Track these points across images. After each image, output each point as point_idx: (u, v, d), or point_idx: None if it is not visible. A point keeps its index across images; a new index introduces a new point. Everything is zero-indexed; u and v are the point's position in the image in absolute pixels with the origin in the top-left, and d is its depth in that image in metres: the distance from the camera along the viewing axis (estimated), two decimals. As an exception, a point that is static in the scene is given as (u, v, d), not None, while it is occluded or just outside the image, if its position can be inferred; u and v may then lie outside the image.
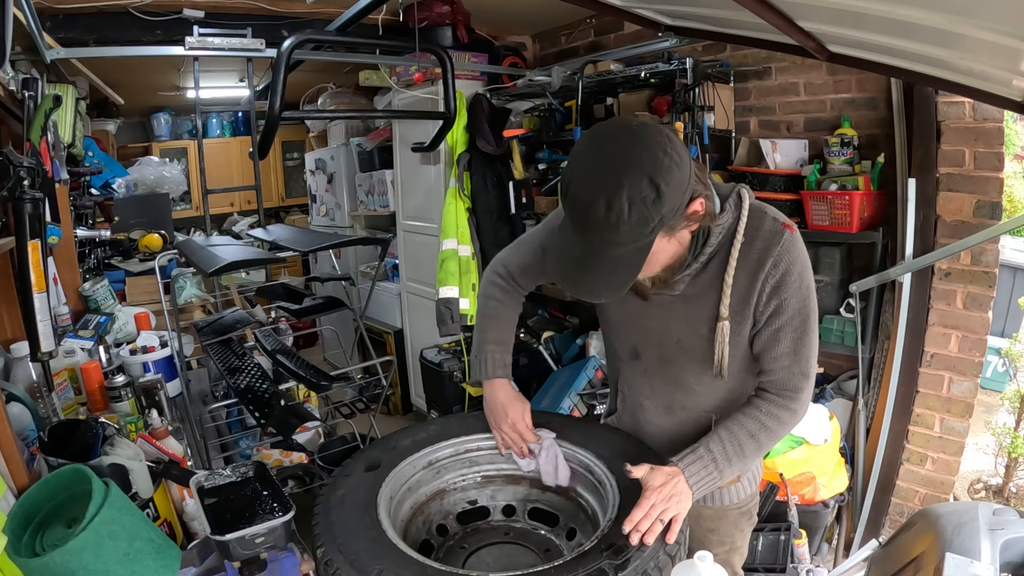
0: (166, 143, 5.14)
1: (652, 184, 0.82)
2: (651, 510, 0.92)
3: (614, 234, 0.84)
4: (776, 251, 0.99)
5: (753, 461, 1.08)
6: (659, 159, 0.83)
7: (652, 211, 0.83)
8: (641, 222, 0.83)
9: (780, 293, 1.00)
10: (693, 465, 1.00)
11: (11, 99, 1.87)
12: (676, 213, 0.87)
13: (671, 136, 0.87)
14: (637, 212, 0.82)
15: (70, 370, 1.89)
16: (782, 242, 0.99)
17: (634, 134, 0.86)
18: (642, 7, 1.98)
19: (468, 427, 1.26)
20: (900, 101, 2.11)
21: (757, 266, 1.00)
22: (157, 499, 1.38)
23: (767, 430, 1.05)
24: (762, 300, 1.02)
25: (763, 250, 0.99)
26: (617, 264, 0.88)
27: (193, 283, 3.07)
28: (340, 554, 0.89)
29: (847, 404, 2.34)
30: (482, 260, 2.99)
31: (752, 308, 1.03)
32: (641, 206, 0.82)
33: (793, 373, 1.04)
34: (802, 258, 1.01)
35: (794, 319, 1.02)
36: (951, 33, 1.12)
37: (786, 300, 1.00)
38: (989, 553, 1.15)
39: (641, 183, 0.82)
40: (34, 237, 1.35)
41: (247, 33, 2.45)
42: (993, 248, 2.00)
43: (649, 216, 0.83)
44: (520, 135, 3.07)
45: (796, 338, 1.02)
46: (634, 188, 0.82)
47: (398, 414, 3.77)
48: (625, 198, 0.81)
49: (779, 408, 1.05)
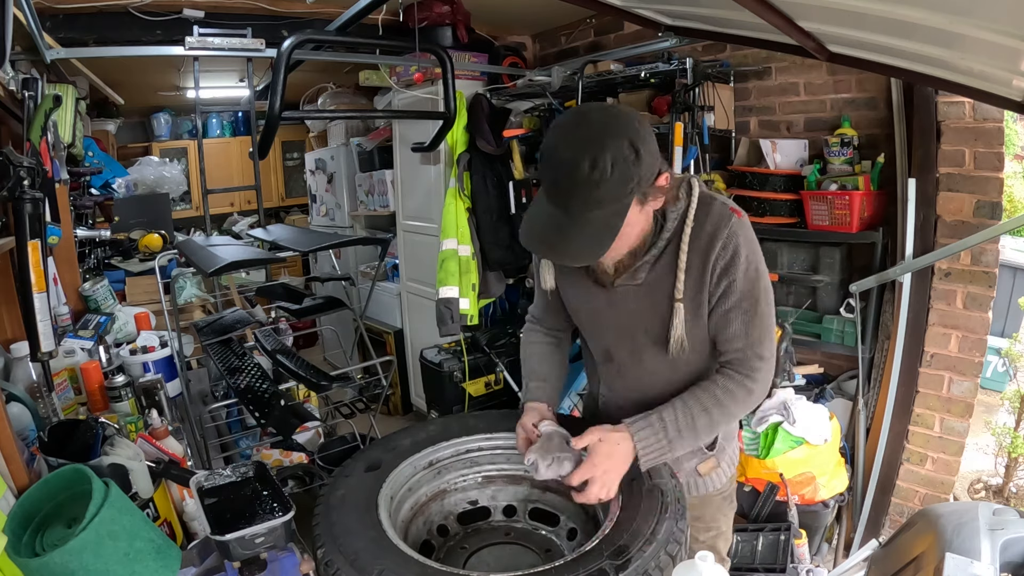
0: (166, 143, 5.14)
1: (632, 146, 0.90)
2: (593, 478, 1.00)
3: (596, 191, 0.89)
4: (725, 232, 1.03)
5: (706, 437, 1.11)
6: (636, 128, 0.92)
7: (632, 170, 0.90)
8: (622, 180, 0.90)
9: (728, 275, 1.04)
10: (644, 431, 1.04)
11: (11, 99, 1.87)
12: (650, 180, 0.94)
13: (642, 119, 0.95)
14: (619, 170, 0.89)
15: (70, 370, 1.89)
16: (730, 224, 1.04)
17: (611, 109, 0.95)
18: (642, 7, 1.98)
19: (468, 427, 1.26)
20: (900, 101, 2.12)
21: (708, 247, 1.04)
22: (157, 499, 1.38)
23: (721, 405, 1.07)
24: (713, 280, 1.06)
25: (712, 232, 1.04)
26: (598, 226, 0.93)
27: (193, 283, 3.07)
28: (340, 554, 0.89)
29: (847, 404, 2.34)
30: (482, 260, 2.99)
31: (706, 288, 1.07)
32: (623, 165, 0.89)
33: (747, 355, 1.08)
34: (750, 241, 1.05)
35: (743, 302, 1.05)
36: (951, 33, 1.12)
37: (734, 282, 1.04)
38: (989, 553, 1.15)
39: (622, 145, 0.89)
40: (34, 237, 1.35)
41: (247, 33, 2.45)
42: (993, 248, 2.00)
43: (630, 175, 0.90)
44: (520, 135, 3.07)
45: (747, 320, 1.06)
46: (616, 149, 0.89)
47: (398, 414, 3.77)
48: (609, 157, 0.88)
49: (735, 384, 1.08)
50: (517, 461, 1.23)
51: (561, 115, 1.00)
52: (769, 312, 1.08)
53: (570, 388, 2.62)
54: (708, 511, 1.29)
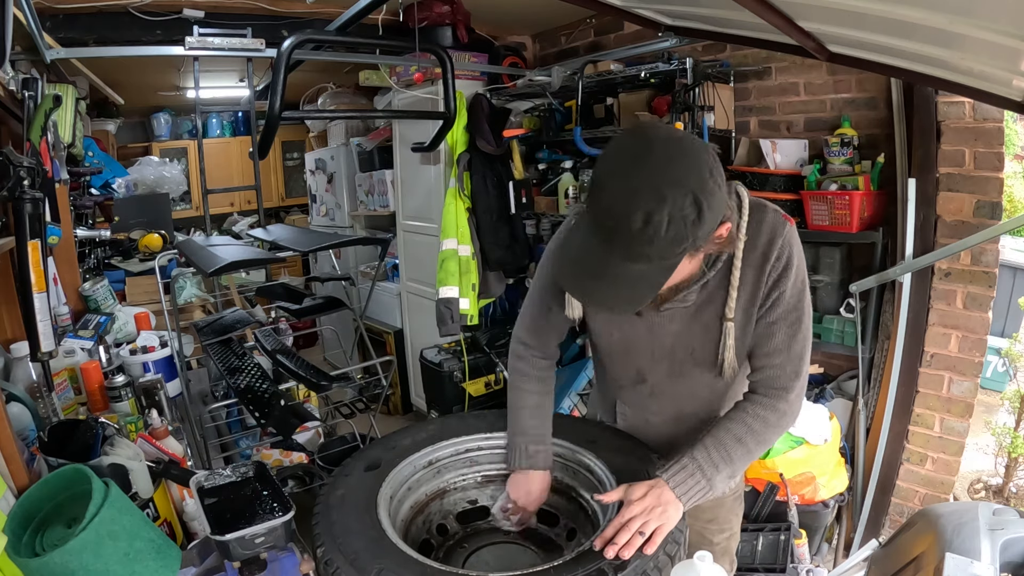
0: (166, 143, 5.14)
1: (695, 203, 0.77)
2: (630, 523, 0.89)
3: (644, 248, 0.79)
4: (780, 242, 0.97)
5: (743, 466, 1.03)
6: (705, 178, 0.79)
7: (689, 231, 0.78)
8: (676, 241, 0.79)
9: (780, 286, 0.99)
10: (678, 475, 0.97)
11: (11, 99, 1.87)
12: (708, 236, 0.83)
13: (715, 156, 0.83)
14: (674, 230, 0.77)
15: (70, 370, 1.89)
16: (785, 233, 0.98)
17: (682, 145, 0.80)
18: (642, 7, 1.98)
19: (468, 427, 1.26)
20: (900, 101, 2.11)
21: (763, 259, 0.98)
22: (157, 499, 1.38)
23: (754, 433, 1.01)
24: (765, 292, 1.00)
25: (768, 243, 0.98)
26: (638, 280, 0.83)
27: (193, 283, 3.07)
28: (340, 554, 0.89)
29: (847, 404, 2.34)
30: (482, 260, 3.00)
31: (758, 302, 1.01)
32: (680, 224, 0.77)
33: (785, 371, 1.02)
34: (800, 253, 1.00)
35: (790, 314, 1.00)
36: (951, 33, 1.12)
37: (783, 293, 0.99)
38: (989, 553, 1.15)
39: (685, 200, 0.77)
40: (34, 237, 1.35)
41: (247, 33, 2.45)
42: (993, 248, 2.00)
43: (685, 235, 0.79)
44: (520, 135, 3.07)
45: (791, 334, 1.00)
46: (676, 204, 0.76)
47: (398, 414, 3.77)
48: (666, 213, 0.76)
49: (766, 409, 1.02)
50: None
51: (622, 136, 0.85)
52: (810, 328, 1.03)
53: (570, 388, 2.62)
54: (722, 512, 1.28)
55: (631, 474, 1.04)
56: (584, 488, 1.16)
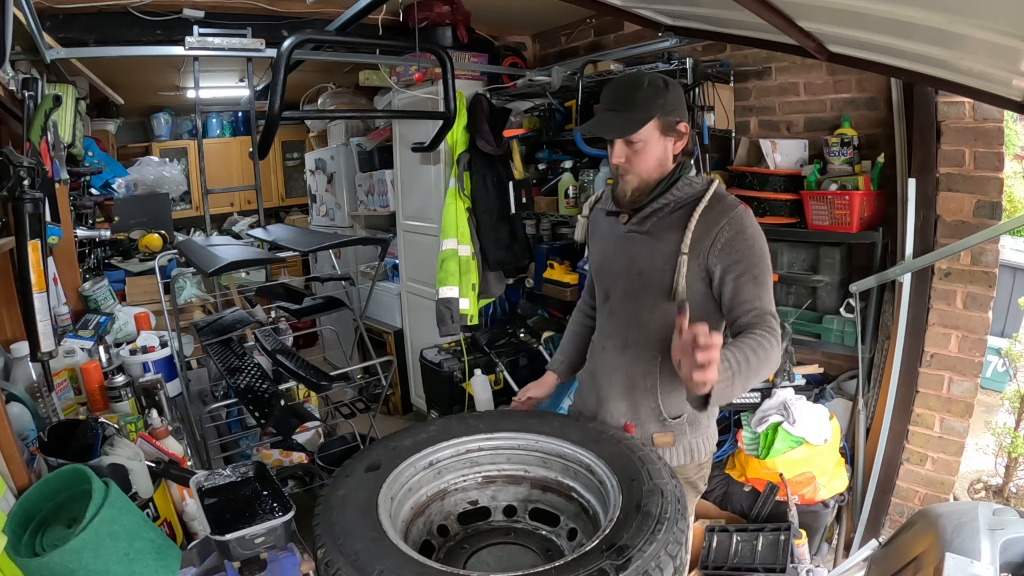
0: (166, 143, 5.13)
1: (664, 81, 1.32)
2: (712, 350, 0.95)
3: (637, 94, 1.29)
4: (731, 214, 1.27)
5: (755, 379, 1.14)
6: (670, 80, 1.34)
7: (660, 92, 1.30)
8: (655, 94, 1.29)
9: (735, 246, 1.25)
10: None
11: (11, 99, 1.87)
12: (672, 112, 1.30)
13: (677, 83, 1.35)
14: (652, 88, 1.29)
15: (70, 370, 1.89)
16: (736, 208, 1.28)
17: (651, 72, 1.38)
18: (642, 7, 1.98)
19: (469, 427, 1.26)
20: (900, 101, 2.12)
21: (714, 222, 1.27)
22: (157, 499, 1.38)
23: (762, 348, 1.14)
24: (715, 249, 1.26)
25: (720, 212, 1.28)
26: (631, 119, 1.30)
27: (193, 283, 3.08)
28: (340, 554, 0.89)
29: (847, 404, 2.34)
30: (482, 260, 2.99)
31: (703, 253, 1.27)
32: (658, 82, 1.31)
33: (765, 315, 1.21)
34: (754, 225, 1.28)
35: (752, 269, 1.24)
36: (951, 33, 1.12)
37: (742, 253, 1.24)
38: (989, 553, 1.15)
39: (657, 79, 1.32)
40: (34, 237, 1.35)
41: (247, 33, 2.45)
42: (993, 248, 2.00)
43: (659, 92, 1.29)
44: (520, 135, 3.07)
45: (758, 285, 1.24)
46: (654, 78, 1.31)
47: (398, 414, 3.77)
48: (647, 79, 1.31)
49: (763, 338, 1.16)
50: (517, 461, 1.24)
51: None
52: (772, 286, 1.27)
53: (570, 388, 2.62)
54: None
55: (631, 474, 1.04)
56: (584, 488, 1.16)
